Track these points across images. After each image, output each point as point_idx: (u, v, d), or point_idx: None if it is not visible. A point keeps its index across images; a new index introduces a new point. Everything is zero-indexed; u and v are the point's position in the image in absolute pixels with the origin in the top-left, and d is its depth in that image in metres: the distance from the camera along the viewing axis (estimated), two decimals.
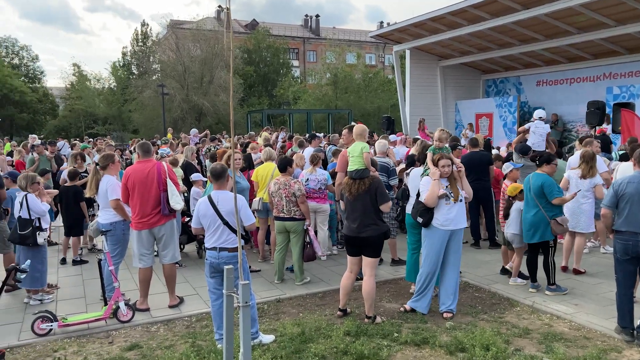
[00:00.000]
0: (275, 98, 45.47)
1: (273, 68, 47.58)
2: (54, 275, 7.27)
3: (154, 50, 44.26)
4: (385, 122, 17.39)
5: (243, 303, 2.83)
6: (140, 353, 4.76)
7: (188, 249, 8.76)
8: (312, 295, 6.40)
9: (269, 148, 8.43)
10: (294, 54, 57.58)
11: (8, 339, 5.13)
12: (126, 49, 47.64)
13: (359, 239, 5.29)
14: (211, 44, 37.95)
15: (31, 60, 48.21)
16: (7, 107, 38.92)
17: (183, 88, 36.86)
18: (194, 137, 17.05)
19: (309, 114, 29.73)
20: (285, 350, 4.61)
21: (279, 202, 6.86)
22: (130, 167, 5.99)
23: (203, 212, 4.82)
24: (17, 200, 6.22)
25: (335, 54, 42.93)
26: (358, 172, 5.33)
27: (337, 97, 39.90)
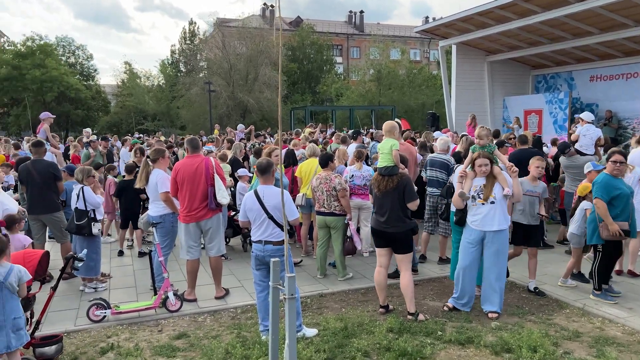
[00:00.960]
0: (318, 95, 45.61)
1: (316, 65, 47.72)
2: (106, 265, 7.58)
3: (201, 48, 45.24)
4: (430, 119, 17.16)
5: (289, 295, 2.88)
6: (188, 342, 4.92)
7: (233, 242, 8.94)
8: (355, 291, 6.42)
9: (313, 144, 8.48)
10: (337, 50, 57.54)
11: (65, 324, 5.40)
12: (174, 47, 48.93)
13: (386, 234, 5.35)
14: (256, 41, 38.43)
15: (86, 59, 50.25)
16: (64, 103, 40.69)
17: (229, 85, 37.52)
18: (240, 133, 17.35)
19: (351, 111, 29.67)
20: (328, 344, 4.66)
21: (320, 196, 6.92)
22: (179, 162, 6.18)
23: (249, 206, 4.94)
24: (74, 192, 6.53)
25: (379, 50, 42.63)
26: (387, 169, 5.35)
27: (380, 94, 39.63)
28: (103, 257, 7.02)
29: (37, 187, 6.80)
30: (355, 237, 6.82)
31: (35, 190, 6.82)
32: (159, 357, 4.58)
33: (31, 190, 6.87)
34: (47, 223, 6.92)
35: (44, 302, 4.72)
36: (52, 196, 6.86)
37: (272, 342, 3.08)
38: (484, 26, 16.38)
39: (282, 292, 2.96)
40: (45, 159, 7.33)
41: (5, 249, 4.02)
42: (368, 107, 35.29)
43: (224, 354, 4.52)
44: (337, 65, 53.71)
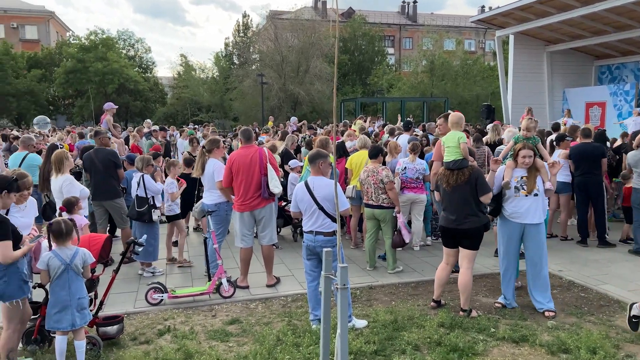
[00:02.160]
0: (369, 86, 45.30)
1: (368, 56, 47.35)
2: (163, 251, 7.85)
3: (254, 41, 45.84)
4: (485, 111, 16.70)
5: (341, 285, 2.90)
6: (240, 327, 5.05)
7: (284, 232, 9.07)
8: (405, 284, 6.37)
9: (364, 136, 8.43)
10: (389, 41, 56.84)
11: (125, 305, 5.66)
12: (228, 40, 49.82)
13: (458, 231, 5.19)
14: (308, 33, 38.53)
15: (144, 51, 52.09)
16: (123, 95, 42.42)
17: (280, 77, 37.87)
18: (293, 125, 17.54)
19: (403, 102, 29.28)
20: (378, 336, 4.66)
21: (367, 189, 6.89)
22: (234, 152, 6.32)
23: (300, 197, 5.01)
24: (135, 180, 6.80)
25: (432, 40, 41.79)
26: (456, 163, 5.20)
27: (433, 85, 38.91)
28: (161, 243, 7.29)
29: (99, 175, 7.14)
30: (404, 230, 6.74)
31: (97, 178, 7.17)
32: (213, 341, 4.73)
33: (94, 178, 7.22)
34: (108, 209, 7.25)
35: (107, 284, 4.97)
36: (113, 183, 7.19)
37: (323, 330, 3.11)
38: (545, 15, 15.72)
39: (334, 282, 2.99)
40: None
41: (71, 232, 4.26)
42: (420, 99, 34.72)
43: (275, 341, 4.61)
44: (389, 57, 53.07)
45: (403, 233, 6.69)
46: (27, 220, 4.71)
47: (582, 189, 8.01)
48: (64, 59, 43.63)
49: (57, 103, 46.37)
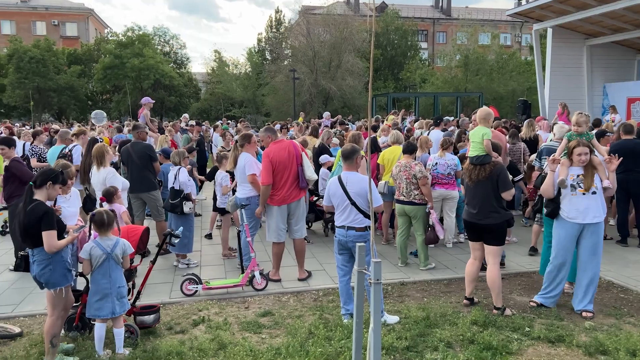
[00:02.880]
0: (401, 81, 44.84)
1: (400, 51, 46.86)
2: (197, 244, 8.02)
3: (286, 36, 45.97)
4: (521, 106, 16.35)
5: (375, 280, 2.90)
6: (272, 320, 5.12)
7: (315, 227, 9.11)
8: (437, 281, 6.33)
9: (397, 131, 8.38)
10: (422, 35, 56.08)
11: (161, 296, 5.81)
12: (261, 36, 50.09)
13: (479, 226, 5.18)
14: (340, 28, 38.38)
15: (179, 47, 52.94)
16: (159, 90, 43.22)
17: (312, 72, 37.88)
18: (326, 120, 17.55)
19: (436, 97, 28.89)
20: (410, 332, 4.65)
21: (400, 184, 6.85)
22: (268, 149, 6.26)
23: (333, 192, 5.04)
24: (171, 173, 6.96)
25: (467, 34, 41.04)
26: (479, 159, 5.18)
27: (467, 80, 38.23)
28: (196, 236, 7.44)
29: (136, 167, 7.32)
30: (437, 226, 6.68)
31: (134, 170, 7.35)
32: (246, 333, 4.81)
33: (131, 170, 7.41)
34: (145, 201, 7.43)
35: (144, 274, 5.11)
36: (149, 176, 7.37)
37: (356, 325, 3.12)
38: (585, 7, 15.25)
39: (368, 277, 2.99)
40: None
41: (112, 223, 4.40)
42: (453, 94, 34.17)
43: (307, 334, 4.66)
44: (422, 51, 52.40)
45: (437, 229, 6.62)
46: (72, 209, 4.90)
47: (622, 187, 7.74)
48: (102, 55, 44.77)
49: (96, 98, 47.62)
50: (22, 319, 5.25)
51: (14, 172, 6.60)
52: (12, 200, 6.59)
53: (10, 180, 6.64)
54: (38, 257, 4.07)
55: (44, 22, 51.25)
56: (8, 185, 6.67)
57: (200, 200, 11.24)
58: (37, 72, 40.17)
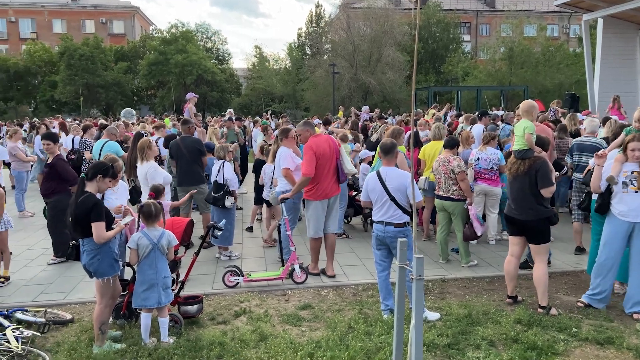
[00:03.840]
0: (442, 75, 44.12)
1: (442, 44, 46.06)
2: (238, 236, 8.14)
3: (326, 31, 45.95)
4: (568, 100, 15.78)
5: (417, 276, 2.87)
6: (312, 313, 5.15)
7: (354, 221, 9.10)
8: (479, 278, 6.21)
9: (438, 125, 8.23)
10: (465, 28, 54.88)
11: (204, 287, 5.94)
12: (301, 31, 50.26)
13: (518, 221, 5.08)
14: (381, 22, 38.05)
15: (220, 43, 53.77)
16: (201, 86, 44.06)
17: (352, 67, 37.74)
18: (365, 114, 17.47)
19: (479, 91, 28.27)
20: (452, 329, 4.58)
21: (439, 179, 6.75)
22: (310, 142, 6.19)
23: (372, 187, 5.01)
24: (215, 167, 7.08)
25: (512, 26, 39.91)
26: (520, 153, 5.06)
27: (511, 73, 37.24)
28: (237, 229, 7.56)
29: (185, 161, 7.49)
30: (475, 223, 6.50)
31: (183, 164, 7.52)
32: (286, 325, 4.86)
33: (180, 164, 7.58)
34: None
35: (188, 265, 5.23)
36: (198, 169, 7.53)
37: (397, 321, 3.11)
38: None
39: (410, 273, 2.97)
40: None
41: (159, 214, 4.53)
42: (497, 88, 33.35)
43: (347, 328, 4.67)
44: (464, 44, 51.30)
45: (474, 225, 6.47)
46: (120, 201, 5.07)
47: None
48: (147, 52, 46.03)
49: (141, 94, 49.02)
50: (73, 306, 5.48)
51: (58, 169, 6.81)
52: (51, 196, 6.85)
53: (52, 177, 6.84)
54: (87, 247, 4.23)
55: (92, 20, 53.07)
56: (49, 182, 6.87)
57: (241, 194, 11.42)
58: (87, 69, 41.74)
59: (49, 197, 6.88)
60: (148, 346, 4.35)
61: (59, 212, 6.82)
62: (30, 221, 9.56)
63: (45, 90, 44.00)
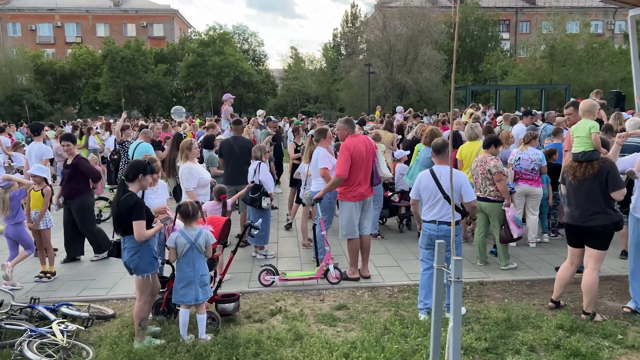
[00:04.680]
0: (480, 74, 43.31)
1: (480, 42, 45.18)
2: (274, 236, 8.21)
3: (361, 31, 45.83)
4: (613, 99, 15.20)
5: (455, 278, 2.83)
6: (347, 313, 5.13)
7: (389, 222, 9.03)
8: (519, 282, 6.05)
9: (476, 125, 8.07)
10: (504, 25, 53.70)
11: (241, 285, 6.00)
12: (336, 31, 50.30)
13: (583, 229, 4.81)
14: (417, 20, 37.65)
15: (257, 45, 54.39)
16: (238, 87, 44.67)
17: (387, 66, 37.50)
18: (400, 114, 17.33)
19: (518, 90, 27.59)
20: (490, 333, 4.49)
21: (476, 179, 6.61)
22: (348, 142, 6.11)
23: (424, 185, 5.00)
24: (252, 167, 7.14)
25: (553, 23, 38.78)
26: (585, 155, 4.81)
27: (552, 71, 36.20)
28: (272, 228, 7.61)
29: (236, 161, 7.58)
30: (512, 225, 6.30)
31: (235, 164, 7.62)
32: (321, 325, 4.86)
33: (231, 163, 7.68)
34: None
35: (225, 263, 5.30)
36: (247, 169, 7.60)
37: (434, 323, 3.06)
38: None
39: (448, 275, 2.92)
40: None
41: (197, 214, 4.61)
42: (537, 86, 32.47)
43: (383, 330, 4.63)
44: (503, 42, 50.21)
45: (511, 228, 6.27)
46: (159, 200, 5.18)
47: None
48: (186, 54, 46.99)
49: (180, 95, 50.07)
50: (115, 301, 5.64)
51: (81, 169, 6.84)
52: (75, 198, 6.86)
53: (73, 177, 6.85)
54: (128, 245, 4.35)
55: (134, 24, 54.55)
56: (71, 183, 6.87)
57: (277, 193, 11.50)
58: (128, 71, 42.98)
59: (73, 198, 6.86)
60: (186, 342, 4.43)
61: (85, 211, 7.00)
62: None
63: (89, 92, 45.56)
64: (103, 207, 9.50)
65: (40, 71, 44.91)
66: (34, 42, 52.00)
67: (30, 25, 53.31)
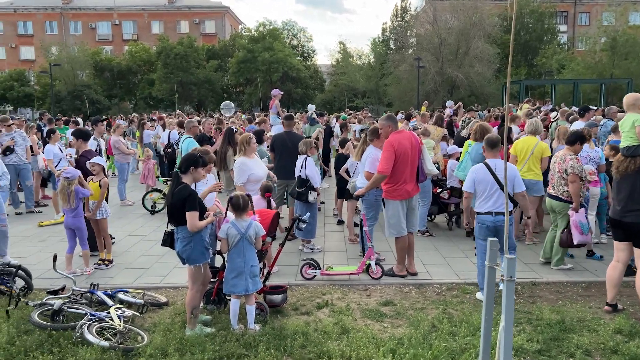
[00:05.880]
0: (535, 68, 41.83)
1: (535, 35, 43.62)
2: (321, 230, 8.25)
3: (411, 25, 45.20)
4: None
5: (508, 277, 2.76)
6: (394, 310, 5.11)
7: (438, 219, 8.89)
8: (574, 284, 5.84)
9: (536, 120, 7.80)
10: (561, 17, 51.64)
11: (288, 277, 6.08)
12: (385, 25, 49.84)
13: (623, 224, 4.71)
14: (469, 13, 36.77)
15: (306, 40, 54.70)
16: (286, 82, 45.13)
17: (438, 60, 36.84)
18: (449, 109, 17.00)
19: (576, 85, 26.48)
20: (543, 335, 4.36)
21: (552, 176, 6.38)
22: (392, 139, 6.01)
23: (480, 178, 5.25)
24: (299, 162, 7.21)
25: (615, 14, 36.92)
26: (630, 149, 4.67)
27: (613, 65, 34.52)
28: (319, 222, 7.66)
29: (288, 156, 7.67)
30: (574, 230, 5.95)
31: (287, 159, 7.69)
32: (368, 320, 4.87)
33: (283, 158, 7.76)
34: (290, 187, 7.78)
35: (274, 256, 5.38)
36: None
37: (485, 322, 3.01)
38: None
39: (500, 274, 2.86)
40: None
41: (247, 206, 4.70)
42: (597, 81, 31.06)
43: (430, 327, 4.59)
44: (560, 35, 48.25)
45: (573, 233, 5.96)
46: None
47: None
48: (236, 50, 47.86)
49: (230, 91, 51.11)
50: (168, 290, 5.85)
51: (81, 164, 7.23)
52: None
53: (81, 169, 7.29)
54: (181, 235, 4.49)
55: (187, 21, 56.06)
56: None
57: (323, 188, 11.55)
58: (181, 67, 44.26)
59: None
60: (236, 332, 4.54)
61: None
62: (130, 209, 10.30)
63: (144, 87, 47.24)
64: (157, 199, 9.84)
65: (99, 67, 46.95)
66: (94, 39, 54.42)
67: (90, 23, 55.80)
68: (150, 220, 9.30)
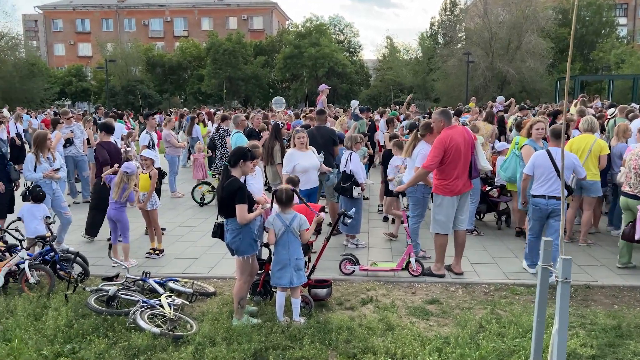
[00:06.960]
0: (591, 62, 40.05)
1: (592, 28, 41.73)
2: (365, 226, 8.22)
3: (461, 19, 44.24)
4: None
5: (563, 278, 2.67)
6: (440, 308, 5.04)
7: (487, 218, 8.68)
8: (632, 288, 5.58)
9: (591, 117, 7.49)
10: (621, 10, 49.23)
11: (333, 272, 6.08)
12: (434, 19, 48.96)
13: None
14: (522, 7, 35.61)
15: (352, 35, 54.49)
16: (332, 78, 45.12)
17: (488, 55, 35.92)
18: (499, 105, 16.53)
19: (635, 81, 25.17)
20: (597, 340, 4.19)
21: (627, 174, 6.11)
22: (444, 134, 5.86)
23: (539, 163, 5.74)
24: (343, 157, 7.21)
25: None
26: None
27: None
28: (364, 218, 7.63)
29: (318, 150, 7.71)
30: (638, 224, 5.74)
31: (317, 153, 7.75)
32: (413, 317, 4.82)
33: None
34: (322, 182, 7.82)
35: (319, 250, 5.41)
36: (330, 159, 7.72)
37: (536, 324, 2.92)
38: None
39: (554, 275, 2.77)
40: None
41: (291, 200, 4.74)
42: None
43: (478, 327, 4.49)
44: (620, 28, 45.98)
45: (637, 227, 5.73)
46: (258, 185, 5.41)
47: None
48: (283, 46, 48.27)
49: (276, 86, 51.63)
50: (216, 280, 5.98)
51: (95, 154, 7.74)
52: (96, 178, 7.78)
53: (97, 160, 7.75)
54: (231, 227, 4.58)
55: (235, 17, 56.97)
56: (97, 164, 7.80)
57: (368, 184, 11.50)
58: (229, 63, 45.09)
59: (96, 178, 7.88)
60: (282, 324, 4.59)
61: (96, 192, 7.70)
62: (180, 201, 10.59)
63: (193, 83, 48.44)
64: (206, 192, 10.08)
65: (151, 63, 48.48)
66: (147, 36, 56.19)
67: (143, 20, 57.64)
68: (199, 212, 9.53)
